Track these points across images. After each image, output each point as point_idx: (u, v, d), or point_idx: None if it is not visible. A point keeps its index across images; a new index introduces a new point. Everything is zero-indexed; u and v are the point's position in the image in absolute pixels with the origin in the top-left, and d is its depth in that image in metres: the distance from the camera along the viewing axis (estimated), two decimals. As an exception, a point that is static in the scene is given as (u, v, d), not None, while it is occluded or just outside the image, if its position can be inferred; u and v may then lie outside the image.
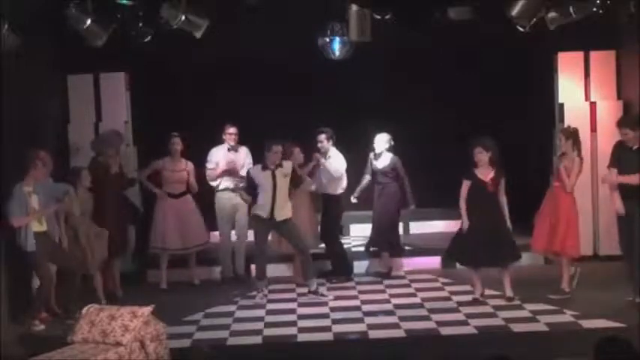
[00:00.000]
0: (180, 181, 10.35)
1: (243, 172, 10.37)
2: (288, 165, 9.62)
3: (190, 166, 10.44)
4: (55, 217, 8.93)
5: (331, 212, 10.46)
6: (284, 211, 9.55)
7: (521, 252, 9.38)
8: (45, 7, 9.02)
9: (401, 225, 11.23)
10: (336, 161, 10.36)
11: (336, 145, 10.46)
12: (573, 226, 9.19)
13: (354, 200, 10.61)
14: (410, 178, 10.45)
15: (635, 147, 8.66)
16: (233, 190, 10.46)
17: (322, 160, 10.27)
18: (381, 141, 10.44)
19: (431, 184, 10.89)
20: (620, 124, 8.89)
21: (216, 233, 10.88)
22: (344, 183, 10.44)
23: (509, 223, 9.04)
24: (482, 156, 9.03)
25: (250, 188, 9.70)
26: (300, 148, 10.32)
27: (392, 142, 10.48)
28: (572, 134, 9.22)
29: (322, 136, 10.36)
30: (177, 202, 10.33)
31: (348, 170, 10.44)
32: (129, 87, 11.16)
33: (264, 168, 9.53)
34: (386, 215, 10.49)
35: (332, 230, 10.53)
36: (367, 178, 10.58)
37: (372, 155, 10.54)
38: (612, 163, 8.84)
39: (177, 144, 10.32)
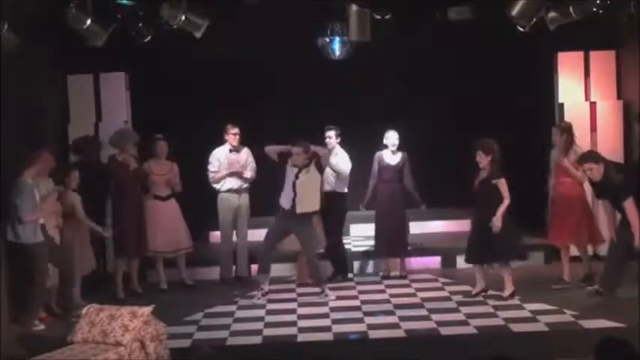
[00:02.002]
0: (166, 183, 10.27)
1: (246, 174, 10.39)
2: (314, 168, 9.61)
3: (175, 167, 10.36)
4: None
5: (335, 211, 10.38)
6: (305, 204, 9.51)
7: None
8: (45, 7, 9.01)
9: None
10: (342, 159, 10.36)
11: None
12: (592, 217, 9.53)
13: (362, 208, 10.48)
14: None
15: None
16: (237, 191, 10.45)
17: (328, 156, 10.22)
18: (395, 137, 10.32)
19: (431, 184, 10.87)
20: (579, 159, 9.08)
21: (217, 233, 10.86)
22: (346, 181, 10.40)
23: (499, 223, 8.96)
24: (482, 159, 9.10)
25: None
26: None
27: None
28: (567, 129, 9.47)
29: (332, 132, 10.35)
30: (164, 204, 10.26)
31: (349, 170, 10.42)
32: (129, 87, 11.15)
33: (294, 164, 9.56)
34: (402, 218, 10.42)
35: (335, 230, 10.46)
36: (375, 179, 10.39)
37: (380, 154, 10.39)
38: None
39: (163, 147, 10.27)
